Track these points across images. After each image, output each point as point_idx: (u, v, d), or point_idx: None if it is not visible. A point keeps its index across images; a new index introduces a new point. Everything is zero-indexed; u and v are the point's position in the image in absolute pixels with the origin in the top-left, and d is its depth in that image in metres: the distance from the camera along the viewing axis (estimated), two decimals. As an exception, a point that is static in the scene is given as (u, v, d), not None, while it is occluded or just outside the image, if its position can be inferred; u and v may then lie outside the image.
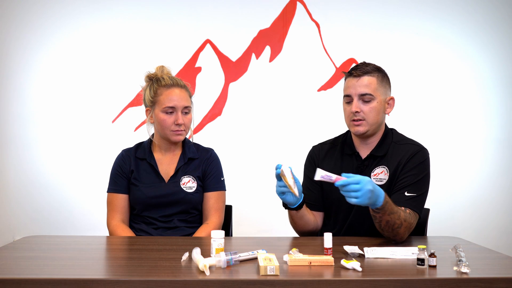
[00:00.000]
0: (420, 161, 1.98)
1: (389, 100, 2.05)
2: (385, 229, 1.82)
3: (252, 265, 1.52)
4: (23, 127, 3.47)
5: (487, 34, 3.52)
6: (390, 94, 2.07)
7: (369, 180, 1.71)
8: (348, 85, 2.02)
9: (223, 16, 3.49)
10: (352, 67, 2.05)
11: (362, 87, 1.98)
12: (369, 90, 1.98)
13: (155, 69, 2.21)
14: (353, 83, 2.00)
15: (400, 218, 1.80)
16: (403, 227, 1.82)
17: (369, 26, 3.50)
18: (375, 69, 2.02)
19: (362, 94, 1.98)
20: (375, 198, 1.72)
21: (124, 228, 2.13)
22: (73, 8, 3.45)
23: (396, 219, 1.80)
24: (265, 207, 3.42)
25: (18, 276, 1.45)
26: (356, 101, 1.98)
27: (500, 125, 3.54)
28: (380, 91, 2.00)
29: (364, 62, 2.05)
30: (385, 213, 1.77)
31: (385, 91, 2.03)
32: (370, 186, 1.69)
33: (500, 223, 3.52)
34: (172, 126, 2.14)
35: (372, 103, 1.98)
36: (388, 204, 1.77)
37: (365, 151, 2.06)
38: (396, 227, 1.80)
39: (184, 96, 2.16)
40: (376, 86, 1.99)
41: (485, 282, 1.41)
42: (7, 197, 3.46)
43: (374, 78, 1.99)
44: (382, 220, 1.80)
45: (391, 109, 2.07)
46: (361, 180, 1.69)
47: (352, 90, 1.99)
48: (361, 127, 1.99)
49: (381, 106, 2.01)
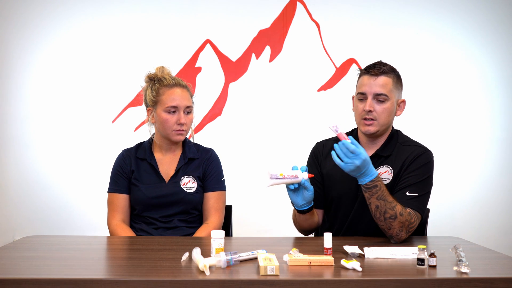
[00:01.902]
0: (424, 162, 1.98)
1: (400, 102, 2.06)
2: (376, 216, 1.85)
3: (252, 265, 1.52)
4: (23, 127, 3.46)
5: (490, 33, 3.51)
6: (402, 96, 2.07)
7: (364, 159, 1.78)
8: (363, 82, 2.01)
9: (223, 16, 3.49)
10: (369, 65, 2.03)
11: (378, 86, 1.97)
12: (385, 90, 1.98)
13: (155, 70, 2.21)
14: (369, 82, 1.99)
15: (394, 210, 1.82)
16: (398, 221, 1.82)
17: (369, 26, 3.50)
18: (392, 70, 2.02)
19: (377, 93, 1.97)
20: (359, 174, 1.81)
21: (124, 228, 2.13)
22: (73, 8, 3.45)
23: (388, 209, 1.82)
24: (265, 207, 3.43)
25: (18, 276, 1.45)
26: (371, 100, 1.98)
27: (502, 126, 3.54)
28: (394, 92, 2.01)
29: (381, 61, 2.04)
30: (372, 195, 1.83)
31: (399, 93, 2.04)
32: (359, 162, 1.78)
33: (500, 223, 3.52)
34: (174, 126, 2.14)
35: (386, 103, 1.98)
36: (377, 188, 1.82)
37: (370, 150, 2.06)
38: (389, 217, 1.82)
39: (186, 96, 2.17)
40: (391, 88, 1.99)
41: (485, 282, 1.41)
42: (7, 197, 3.46)
43: (390, 79, 1.99)
44: (371, 203, 1.84)
45: (401, 112, 2.07)
46: (359, 153, 1.78)
47: (367, 89, 1.99)
48: (372, 127, 2.00)
49: (393, 107, 2.01)
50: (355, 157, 1.78)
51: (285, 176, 1.83)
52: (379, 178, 1.84)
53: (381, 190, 1.82)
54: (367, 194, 1.84)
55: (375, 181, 1.82)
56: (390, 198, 1.84)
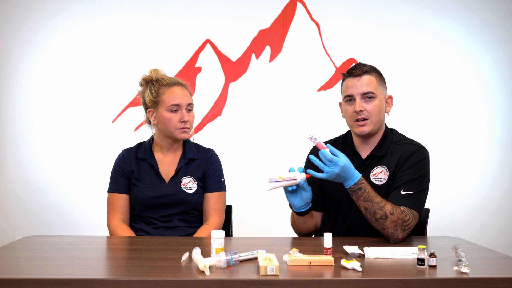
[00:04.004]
0: (418, 160, 1.98)
1: (387, 98, 2.07)
2: (368, 218, 1.87)
3: (252, 265, 1.52)
4: (23, 127, 3.47)
5: (490, 33, 3.52)
6: (388, 93, 2.09)
7: (342, 165, 1.80)
8: (348, 85, 2.03)
9: (223, 16, 3.49)
10: (350, 68, 2.06)
11: (364, 85, 1.99)
12: (371, 88, 1.99)
13: (149, 73, 2.22)
14: (354, 83, 2.01)
15: (384, 210, 1.83)
16: (390, 221, 1.82)
17: (369, 26, 3.50)
18: (373, 68, 2.05)
19: (364, 92, 1.99)
20: (343, 179, 1.84)
21: (124, 228, 2.13)
22: (73, 8, 3.45)
23: (377, 209, 1.83)
24: (265, 207, 3.43)
25: (18, 276, 1.45)
26: (359, 100, 1.99)
27: (502, 126, 3.54)
28: (380, 89, 2.03)
29: (360, 63, 2.07)
30: (358, 198, 1.85)
31: (384, 89, 2.06)
32: (338, 170, 1.80)
33: (500, 223, 3.52)
34: (178, 124, 2.15)
35: (375, 101, 2.00)
36: (361, 191, 1.84)
37: (365, 151, 2.06)
38: (379, 217, 1.83)
39: (186, 93, 2.18)
40: (377, 85, 2.01)
41: (485, 282, 1.41)
42: (7, 197, 3.46)
43: (373, 77, 2.02)
44: (360, 206, 1.87)
45: (390, 108, 2.09)
46: (336, 160, 1.80)
47: (353, 90, 2.00)
48: (366, 127, 2.00)
49: (382, 104, 2.02)
50: (333, 165, 1.80)
51: (284, 179, 1.84)
52: (363, 180, 1.85)
53: (366, 192, 1.84)
54: (354, 197, 1.87)
55: (358, 184, 1.84)
56: (378, 198, 1.85)
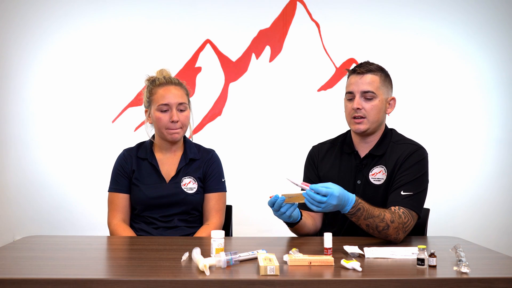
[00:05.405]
0: (417, 160, 1.98)
1: (390, 100, 2.07)
2: (371, 232, 1.83)
3: (252, 265, 1.52)
4: (23, 127, 3.47)
5: (488, 34, 3.52)
6: (392, 94, 2.09)
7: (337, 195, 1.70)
8: (350, 82, 2.04)
9: (223, 16, 3.49)
10: (356, 65, 2.06)
11: (365, 84, 1.99)
12: (372, 88, 1.99)
13: (155, 73, 2.23)
14: (356, 80, 2.01)
15: (384, 221, 1.80)
16: (392, 228, 1.81)
17: (369, 26, 3.50)
18: (379, 68, 2.04)
19: (364, 91, 1.99)
20: (340, 207, 1.75)
21: (125, 227, 2.13)
22: (73, 8, 3.45)
23: (378, 222, 1.79)
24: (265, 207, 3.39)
25: (18, 276, 1.45)
26: (358, 98, 1.99)
27: (501, 126, 3.54)
28: (382, 90, 2.02)
29: (367, 61, 2.06)
30: (359, 218, 1.79)
31: (387, 90, 2.05)
32: (335, 201, 1.70)
33: (500, 223, 3.52)
34: (168, 124, 2.14)
35: (374, 101, 1.99)
36: (361, 211, 1.77)
37: (364, 150, 2.06)
38: (382, 229, 1.80)
39: (179, 93, 2.16)
40: (379, 85, 2.01)
41: (485, 282, 1.41)
42: (7, 197, 3.46)
43: (377, 76, 2.01)
44: (361, 224, 1.81)
45: (391, 109, 2.08)
46: (330, 193, 1.69)
47: (354, 87, 2.01)
48: (361, 125, 2.00)
49: (382, 105, 2.02)
50: (328, 198, 1.70)
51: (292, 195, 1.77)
52: (359, 200, 1.78)
53: (365, 211, 1.79)
54: (354, 219, 1.80)
55: (356, 206, 1.77)
56: (376, 211, 1.80)
